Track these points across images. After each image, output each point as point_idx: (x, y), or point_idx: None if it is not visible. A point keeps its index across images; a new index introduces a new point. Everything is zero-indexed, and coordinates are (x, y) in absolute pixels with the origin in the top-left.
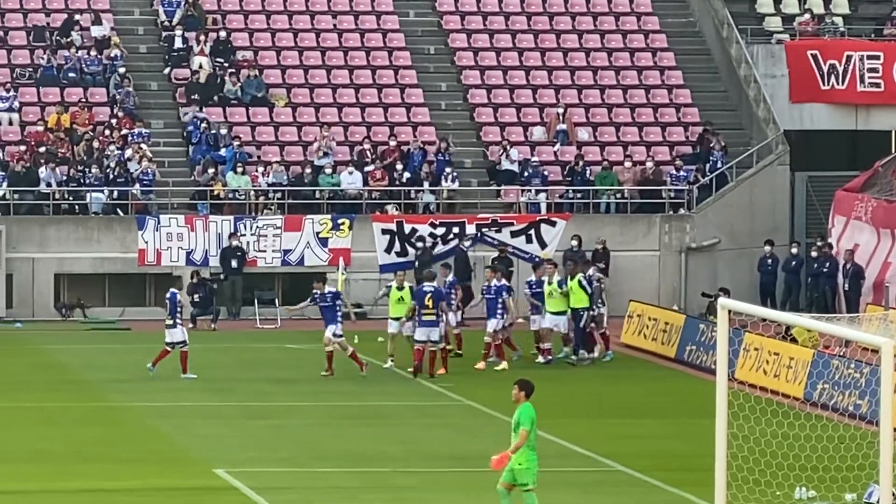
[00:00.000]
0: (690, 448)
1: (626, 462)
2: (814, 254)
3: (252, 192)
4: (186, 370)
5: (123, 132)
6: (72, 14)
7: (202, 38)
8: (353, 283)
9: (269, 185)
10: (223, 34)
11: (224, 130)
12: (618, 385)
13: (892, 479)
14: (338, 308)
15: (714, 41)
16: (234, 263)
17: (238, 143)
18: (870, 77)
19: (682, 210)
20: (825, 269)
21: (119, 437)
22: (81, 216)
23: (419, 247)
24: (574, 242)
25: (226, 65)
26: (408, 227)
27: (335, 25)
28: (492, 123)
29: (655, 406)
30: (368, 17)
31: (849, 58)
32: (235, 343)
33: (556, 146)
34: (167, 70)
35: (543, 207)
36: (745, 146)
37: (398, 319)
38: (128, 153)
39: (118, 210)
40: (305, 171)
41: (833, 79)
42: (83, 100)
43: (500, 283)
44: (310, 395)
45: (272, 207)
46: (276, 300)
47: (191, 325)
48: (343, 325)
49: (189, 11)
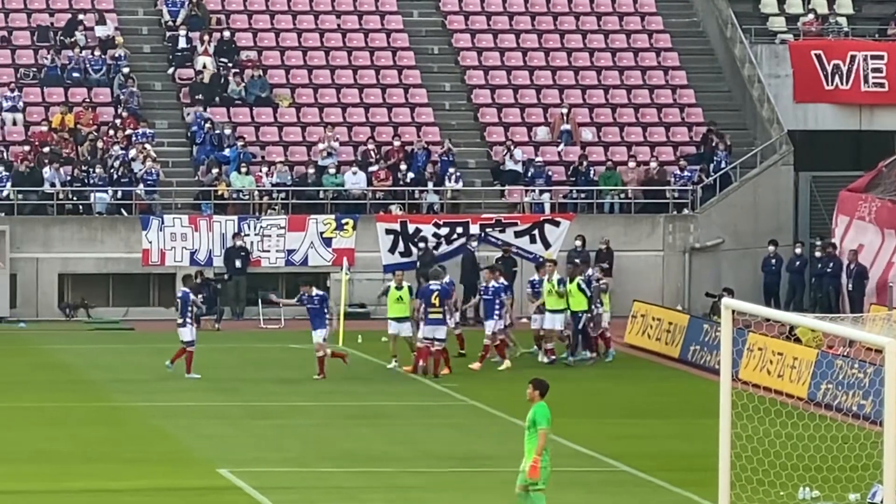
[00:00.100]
0: (694, 448)
1: (630, 462)
2: (818, 254)
3: (256, 193)
4: (191, 370)
5: (127, 132)
6: (76, 14)
7: (206, 38)
8: (357, 284)
9: (273, 185)
10: (227, 34)
11: (228, 130)
12: (621, 385)
13: None
14: (326, 312)
15: (718, 41)
16: (238, 263)
17: (242, 143)
18: (874, 77)
19: (686, 210)
20: (829, 270)
21: (123, 437)
22: (85, 216)
23: (421, 247)
24: (578, 242)
25: (230, 65)
26: (412, 228)
27: (339, 25)
28: (496, 123)
29: (659, 406)
30: (372, 17)
31: (853, 58)
32: (239, 343)
33: (560, 146)
34: (171, 70)
35: (547, 207)
36: (749, 146)
37: (398, 319)
38: (132, 153)
39: (122, 210)
40: (309, 172)
41: (837, 79)
42: (87, 100)
43: (499, 284)
44: (313, 396)
45: (276, 207)
46: (271, 296)
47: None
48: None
49: (193, 11)
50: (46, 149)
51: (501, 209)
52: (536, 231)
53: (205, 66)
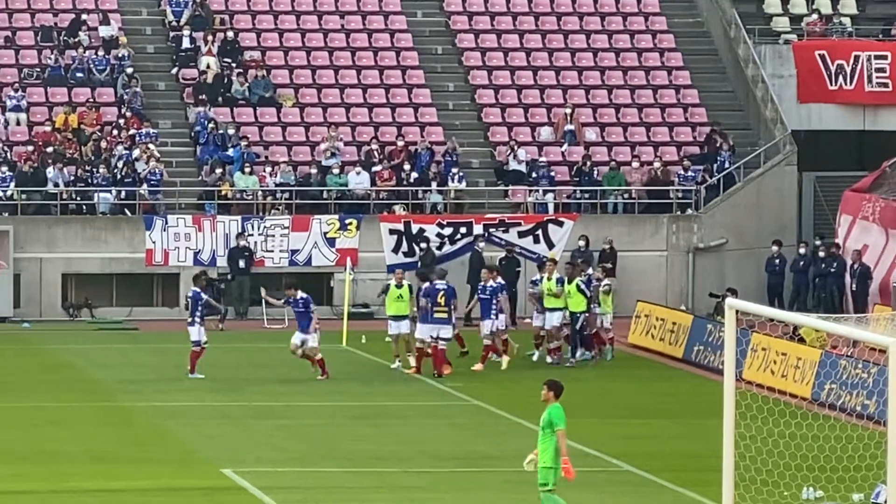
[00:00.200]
0: (698, 448)
1: (634, 462)
2: (821, 254)
3: (260, 193)
4: (194, 370)
5: (131, 132)
6: (79, 14)
7: (210, 39)
8: (361, 284)
9: (277, 186)
10: (231, 34)
11: (232, 130)
12: (625, 385)
13: None
14: (311, 314)
15: (722, 41)
16: (242, 264)
17: (246, 144)
18: (877, 77)
19: (690, 210)
20: (833, 270)
21: (127, 438)
22: (89, 216)
23: (423, 247)
24: (581, 243)
25: (233, 65)
26: (415, 228)
27: (343, 25)
28: (499, 123)
29: (663, 406)
30: (376, 18)
31: (856, 58)
32: (243, 343)
33: (564, 146)
34: (175, 70)
35: (551, 208)
36: (753, 146)
37: (397, 318)
38: (135, 153)
39: (126, 210)
40: (313, 171)
41: (841, 79)
42: (91, 100)
43: (497, 284)
44: (317, 396)
45: (280, 208)
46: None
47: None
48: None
49: (197, 11)
50: (50, 149)
51: (505, 209)
52: (540, 231)
53: (208, 66)
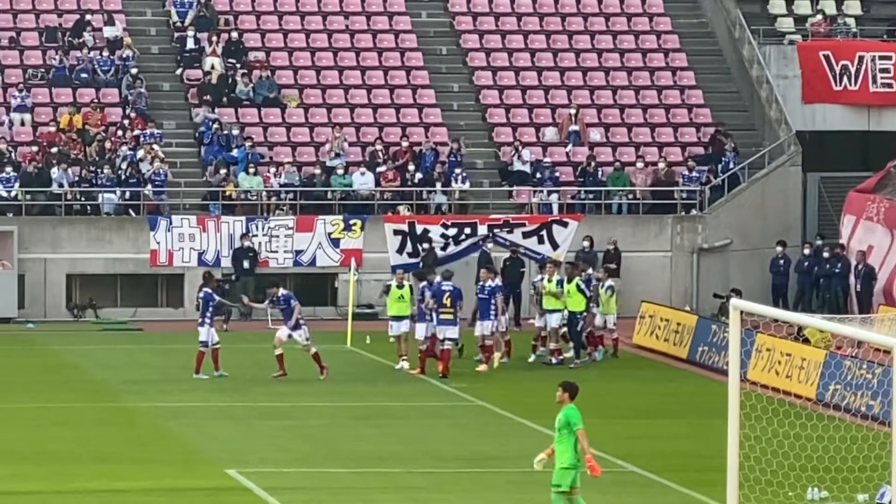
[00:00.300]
0: (702, 449)
1: (639, 462)
2: (825, 254)
3: (264, 193)
4: (199, 371)
5: (135, 133)
6: (84, 15)
7: (214, 39)
8: (365, 284)
9: (281, 186)
10: (235, 35)
11: (236, 131)
12: (630, 386)
13: None
14: (293, 308)
15: (726, 42)
16: (246, 264)
17: (250, 144)
18: (882, 78)
19: (695, 211)
20: (837, 270)
21: (131, 438)
22: (93, 217)
23: (425, 248)
24: (586, 243)
25: (238, 65)
26: (420, 228)
27: (347, 26)
28: (504, 124)
29: (667, 407)
30: (380, 18)
31: (861, 58)
32: (247, 343)
33: (569, 147)
34: (179, 71)
35: (555, 208)
36: (758, 147)
37: (397, 318)
38: (140, 154)
39: (130, 211)
40: (317, 172)
41: (845, 79)
42: (95, 100)
43: (495, 284)
44: (322, 396)
45: (284, 208)
46: (243, 297)
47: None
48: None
49: (201, 12)
50: (54, 149)
51: (509, 210)
52: (544, 232)
53: (213, 67)
